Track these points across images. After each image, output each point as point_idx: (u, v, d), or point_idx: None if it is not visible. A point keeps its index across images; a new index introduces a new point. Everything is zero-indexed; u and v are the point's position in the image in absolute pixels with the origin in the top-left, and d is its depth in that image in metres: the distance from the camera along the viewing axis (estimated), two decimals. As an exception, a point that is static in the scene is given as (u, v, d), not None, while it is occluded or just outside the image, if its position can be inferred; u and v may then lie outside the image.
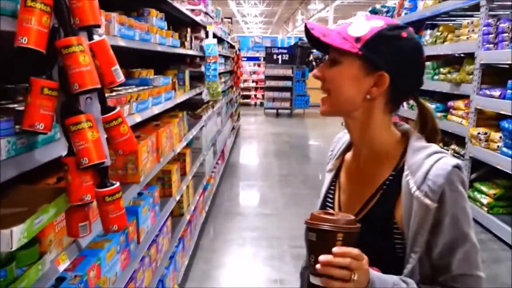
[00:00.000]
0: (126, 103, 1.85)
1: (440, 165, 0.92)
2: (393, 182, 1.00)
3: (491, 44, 4.27)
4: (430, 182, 0.91)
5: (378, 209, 1.00)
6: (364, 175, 1.06)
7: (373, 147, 1.04)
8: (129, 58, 3.04)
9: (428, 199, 0.91)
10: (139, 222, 2.08)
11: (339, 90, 0.99)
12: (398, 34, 0.97)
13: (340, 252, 0.83)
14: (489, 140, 4.31)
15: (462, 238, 0.92)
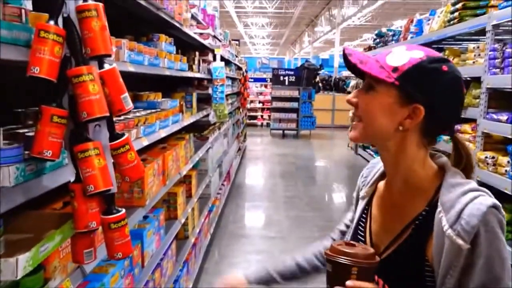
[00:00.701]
0: (133, 127, 1.86)
1: (475, 204, 0.88)
2: (426, 217, 0.96)
3: (498, 68, 4.28)
4: (464, 221, 0.87)
5: (409, 245, 0.97)
6: (397, 208, 1.04)
7: (406, 180, 1.02)
8: (137, 81, 3.09)
9: (460, 239, 0.87)
10: (143, 246, 2.07)
11: (371, 118, 0.98)
12: (438, 67, 0.94)
13: (352, 286, 0.86)
14: (497, 164, 4.27)
15: (495, 283, 0.87)
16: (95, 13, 1.04)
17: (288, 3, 18.46)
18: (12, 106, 1.57)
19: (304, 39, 27.95)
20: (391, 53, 0.98)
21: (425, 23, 6.32)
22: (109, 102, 1.12)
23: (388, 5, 16.39)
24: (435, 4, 14.90)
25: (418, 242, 0.96)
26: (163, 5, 2.19)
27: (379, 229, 1.08)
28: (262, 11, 19.77)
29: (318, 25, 22.11)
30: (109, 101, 1.12)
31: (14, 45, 0.97)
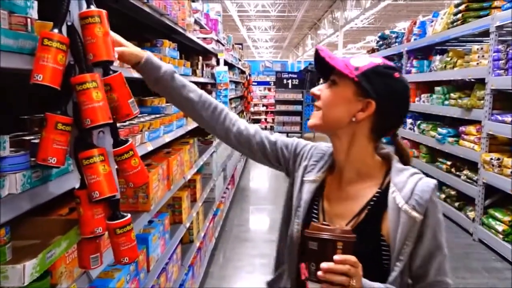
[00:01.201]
0: (138, 132, 1.87)
1: (424, 183, 1.06)
2: (379, 199, 1.10)
3: (502, 69, 4.27)
4: (417, 197, 1.04)
5: (367, 224, 1.09)
6: (349, 194, 1.15)
7: (357, 169, 1.15)
8: (142, 87, 3.11)
9: (415, 212, 1.03)
10: (149, 250, 2.07)
11: (330, 108, 1.12)
12: (391, 73, 1.10)
13: (340, 260, 0.91)
14: (502, 166, 4.25)
15: (439, 248, 1.06)
16: (98, 20, 1.05)
17: (291, 7, 18.49)
18: (18, 113, 1.59)
19: (307, 42, 27.97)
20: (355, 57, 1.14)
21: (428, 25, 6.31)
22: (117, 107, 1.13)
23: (390, 7, 16.38)
24: (437, 6, 14.89)
25: (374, 219, 1.09)
26: (166, 11, 2.20)
27: (332, 214, 1.16)
28: (265, 14, 19.82)
29: (321, 28, 22.12)
30: (117, 106, 1.13)
31: (19, 54, 0.98)
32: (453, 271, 3.93)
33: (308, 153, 1.28)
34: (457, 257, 4.30)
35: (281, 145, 1.31)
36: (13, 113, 1.58)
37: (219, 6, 5.33)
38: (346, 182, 1.16)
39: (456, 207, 5.29)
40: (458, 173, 5.29)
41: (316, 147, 1.30)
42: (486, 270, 4.01)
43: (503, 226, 4.26)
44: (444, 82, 5.71)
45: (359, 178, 1.14)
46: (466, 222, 4.98)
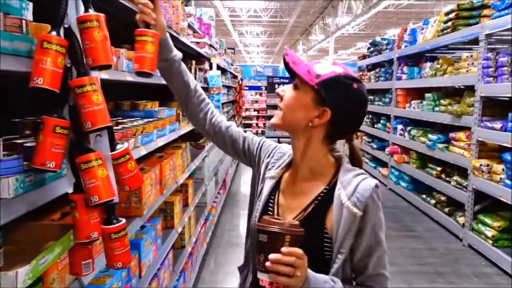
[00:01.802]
0: (131, 136, 1.86)
1: (366, 182, 1.14)
2: (326, 195, 1.18)
3: (491, 77, 4.33)
4: (359, 194, 1.11)
5: (312, 218, 1.16)
6: (301, 190, 1.23)
7: (311, 167, 1.22)
8: (135, 90, 3.09)
9: (356, 208, 1.10)
10: (141, 256, 2.05)
11: (290, 110, 1.18)
12: (350, 84, 1.14)
13: (287, 252, 0.98)
14: (492, 172, 4.30)
15: (378, 243, 1.13)
16: (96, 24, 1.04)
17: (283, 12, 18.58)
18: (9, 116, 1.56)
19: (298, 47, 28.11)
20: (319, 63, 1.18)
21: (418, 32, 6.39)
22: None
23: (381, 14, 16.55)
24: (427, 14, 15.09)
25: (319, 214, 1.16)
26: (161, 15, 2.19)
27: (285, 208, 1.23)
28: (256, 20, 19.88)
29: (312, 34, 22.25)
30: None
31: (14, 56, 0.97)
32: (442, 276, 3.99)
33: (271, 152, 1.37)
34: (447, 262, 4.33)
35: (249, 141, 1.41)
36: (4, 116, 1.55)
37: (212, 11, 5.33)
38: (300, 179, 1.24)
39: (446, 213, 5.33)
40: (448, 178, 5.34)
41: (279, 147, 1.38)
42: (476, 275, 4.04)
43: (492, 232, 4.30)
44: (434, 88, 5.77)
45: (311, 175, 1.22)
46: (456, 228, 5.02)
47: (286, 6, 17.21)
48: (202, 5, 13.51)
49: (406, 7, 15.61)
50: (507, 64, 4.09)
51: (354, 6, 14.01)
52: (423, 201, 5.94)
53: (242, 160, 1.45)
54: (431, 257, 4.47)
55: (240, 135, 1.43)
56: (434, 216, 5.62)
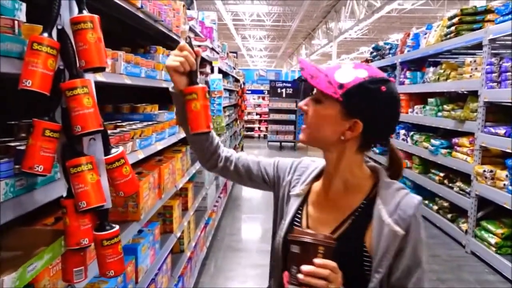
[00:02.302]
0: (129, 140, 1.84)
1: (409, 199, 1.08)
2: (364, 210, 1.10)
3: (495, 82, 4.29)
4: (401, 212, 1.05)
5: (350, 233, 1.09)
6: (335, 204, 1.15)
7: (345, 180, 1.15)
8: (135, 93, 3.07)
9: (398, 227, 1.04)
10: (138, 261, 2.02)
11: (317, 127, 1.10)
12: (377, 88, 1.05)
13: (321, 264, 0.93)
14: (495, 178, 4.26)
15: (418, 264, 1.06)
16: (90, 25, 1.02)
17: (286, 16, 18.60)
18: (5, 118, 1.54)
19: (301, 51, 28.13)
20: (340, 69, 1.09)
21: (421, 37, 6.36)
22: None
23: (384, 18, 16.54)
24: (429, 19, 15.07)
25: (358, 230, 1.09)
26: (160, 18, 2.18)
27: (316, 224, 1.16)
28: (259, 24, 19.91)
29: (315, 38, 22.27)
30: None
31: (6, 57, 0.95)
32: (445, 283, 3.94)
33: (291, 169, 1.30)
34: (449, 269, 4.28)
35: (264, 165, 1.35)
36: (0, 118, 1.53)
37: (214, 15, 5.32)
38: (334, 191, 1.17)
39: (449, 219, 5.28)
40: (451, 184, 5.29)
41: (299, 162, 1.32)
42: (479, 282, 3.99)
43: (495, 239, 4.25)
44: (437, 93, 5.73)
45: (346, 188, 1.15)
46: (458, 234, 4.96)
47: (289, 11, 17.23)
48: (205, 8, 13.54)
49: (409, 12, 15.60)
50: (511, 69, 4.06)
51: (357, 11, 14.00)
52: (426, 207, 5.89)
53: (261, 186, 1.36)
54: (433, 263, 4.42)
55: (253, 161, 1.36)
56: (436, 222, 5.56)
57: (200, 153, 1.34)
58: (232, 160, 1.35)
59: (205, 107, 1.17)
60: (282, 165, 1.32)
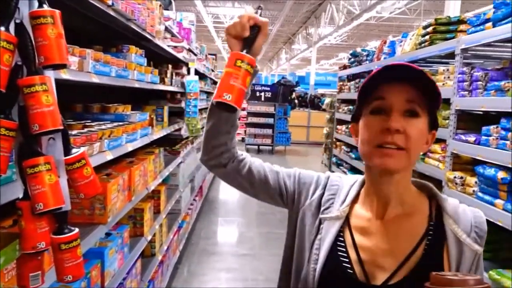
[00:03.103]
0: (97, 140, 1.79)
1: (476, 213, 1.00)
2: (435, 232, 0.98)
3: (466, 91, 4.40)
4: (477, 230, 0.98)
5: (427, 261, 0.95)
6: (397, 229, 0.99)
7: (403, 200, 1.00)
8: (108, 93, 3.01)
9: (477, 245, 0.97)
10: (104, 265, 1.97)
11: (418, 147, 0.95)
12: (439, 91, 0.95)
13: None
14: (465, 184, 4.35)
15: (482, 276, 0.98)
16: (51, 20, 0.99)
17: (266, 20, 18.66)
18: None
19: (281, 56, 28.29)
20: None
21: (397, 44, 6.48)
22: None
23: (363, 26, 16.81)
24: (407, 28, 15.39)
25: (436, 256, 0.96)
26: (133, 16, 2.14)
27: (373, 256, 0.98)
28: (240, 27, 19.90)
29: (295, 43, 22.44)
30: None
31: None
32: None
33: (318, 184, 1.11)
34: (420, 273, 4.34)
35: (283, 176, 1.13)
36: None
37: (192, 16, 5.29)
38: (392, 216, 1.00)
39: (421, 224, 5.37)
40: (423, 190, 5.38)
41: (327, 178, 1.12)
42: (448, 287, 4.05)
43: (464, 244, 4.34)
44: (412, 100, 5.84)
45: (404, 210, 1.00)
46: (429, 239, 5.05)
47: (269, 15, 17.30)
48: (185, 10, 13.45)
49: (387, 20, 15.91)
50: (482, 78, 4.16)
51: (336, 17, 14.18)
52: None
53: (274, 200, 1.14)
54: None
55: (270, 170, 1.14)
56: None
57: (213, 145, 1.09)
58: (246, 163, 1.13)
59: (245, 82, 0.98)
60: (305, 179, 1.12)
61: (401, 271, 0.95)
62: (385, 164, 0.92)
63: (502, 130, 3.75)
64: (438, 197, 1.02)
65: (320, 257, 1.00)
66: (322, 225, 1.04)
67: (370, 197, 1.02)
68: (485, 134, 4.03)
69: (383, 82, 0.94)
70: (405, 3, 13.20)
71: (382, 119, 0.92)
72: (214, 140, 1.09)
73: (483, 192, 3.99)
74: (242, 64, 0.96)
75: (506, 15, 3.76)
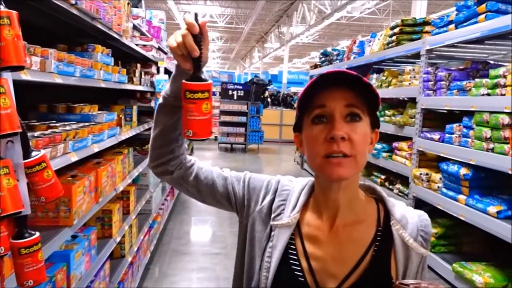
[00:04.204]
0: (60, 142, 1.76)
1: (421, 216, 1.02)
2: (383, 238, 0.98)
3: (431, 90, 4.54)
4: (423, 233, 0.99)
5: (375, 268, 0.96)
6: (347, 236, 0.99)
7: (352, 206, 1.00)
8: (76, 92, 2.95)
9: (423, 248, 0.99)
10: (70, 268, 1.94)
11: (364, 152, 0.93)
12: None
13: None
14: (430, 180, 4.50)
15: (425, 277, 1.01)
16: (7, 21, 0.97)
17: (239, 19, 18.67)
18: None
19: (254, 54, 28.34)
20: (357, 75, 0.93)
21: (366, 44, 6.61)
22: None
23: (334, 25, 17.06)
24: (376, 28, 15.73)
25: (383, 262, 0.97)
26: (99, 15, 2.10)
27: (324, 265, 0.98)
28: (212, 25, 19.83)
29: (268, 42, 22.53)
30: None
31: None
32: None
33: (268, 189, 1.08)
34: (388, 268, 4.46)
35: (232, 181, 1.10)
36: None
37: (162, 14, 5.23)
38: (342, 223, 0.99)
39: (389, 220, 5.51)
40: (391, 186, 5.53)
41: (277, 182, 1.09)
42: (415, 280, 4.18)
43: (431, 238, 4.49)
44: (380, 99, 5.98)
45: (353, 216, 1.00)
46: (397, 234, 5.19)
47: (242, 13, 17.31)
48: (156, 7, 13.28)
49: (358, 20, 16.20)
50: (445, 78, 4.32)
51: (308, 17, 14.33)
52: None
53: (224, 206, 1.12)
54: (374, 263, 4.58)
55: (218, 175, 1.11)
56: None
57: (159, 152, 1.07)
58: (194, 170, 1.10)
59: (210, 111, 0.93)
60: (254, 184, 1.09)
61: (350, 278, 0.96)
62: (337, 174, 0.90)
63: (464, 128, 3.90)
64: (385, 201, 1.03)
65: (271, 265, 0.99)
66: (273, 232, 1.02)
67: (320, 205, 1.02)
68: (448, 132, 4.18)
69: (321, 89, 0.93)
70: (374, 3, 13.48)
71: (325, 128, 0.91)
72: (161, 147, 1.06)
73: (447, 188, 4.14)
74: (194, 95, 0.90)
75: (468, 17, 3.91)
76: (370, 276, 0.95)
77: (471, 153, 3.69)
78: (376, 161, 5.75)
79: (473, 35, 3.76)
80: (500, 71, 3.45)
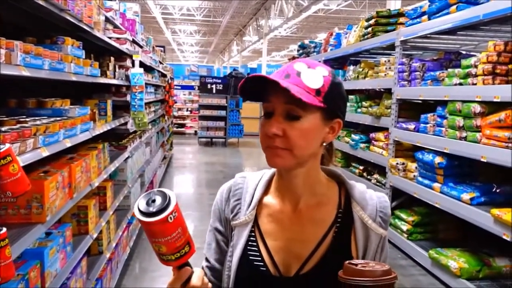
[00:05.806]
0: (30, 137, 1.71)
1: (380, 198, 1.06)
2: (344, 219, 1.03)
3: (406, 81, 4.61)
4: (382, 214, 1.04)
5: (336, 248, 1.01)
6: (308, 218, 1.03)
7: (314, 191, 1.04)
8: (48, 87, 2.87)
9: (382, 229, 1.03)
10: (44, 265, 1.89)
11: (305, 146, 0.96)
12: (339, 81, 1.00)
13: None
14: (407, 170, 4.58)
15: (386, 258, 1.05)
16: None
17: (216, 12, 18.52)
18: None
19: (232, 47, 28.19)
20: (302, 73, 0.95)
21: (343, 36, 6.66)
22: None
23: (312, 18, 17.10)
24: (354, 20, 15.84)
25: (344, 242, 1.02)
26: (67, 7, 2.05)
27: (284, 247, 1.02)
28: (190, 18, 19.62)
29: (246, 35, 22.44)
30: None
31: None
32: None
33: (222, 198, 1.12)
34: (367, 256, 4.53)
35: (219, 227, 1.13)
36: None
37: (137, 6, 5.15)
38: (304, 208, 1.04)
39: (368, 209, 5.60)
40: (369, 177, 5.61)
41: (229, 186, 1.13)
42: (392, 266, 4.22)
43: (407, 226, 4.58)
44: (357, 91, 6.04)
45: (315, 200, 1.04)
46: (376, 223, 5.28)
47: (219, 6, 17.17)
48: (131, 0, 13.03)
49: (335, 12, 16.28)
50: (419, 69, 4.39)
51: (285, 9, 14.33)
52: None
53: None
54: (353, 252, 4.65)
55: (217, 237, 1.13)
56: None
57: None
58: (218, 261, 1.12)
59: None
60: (215, 211, 1.14)
61: (311, 260, 1.00)
62: (275, 163, 0.98)
63: (438, 118, 3.98)
64: (346, 184, 1.07)
65: (233, 263, 1.03)
66: (233, 232, 1.06)
67: (281, 190, 1.06)
68: (423, 122, 4.26)
69: (268, 86, 0.95)
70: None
71: (267, 122, 0.96)
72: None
73: (422, 177, 4.23)
74: None
75: (440, 8, 3.97)
76: (331, 256, 0.99)
77: (445, 142, 3.77)
78: (355, 152, 5.82)
79: (445, 25, 3.83)
80: (472, 61, 3.53)
